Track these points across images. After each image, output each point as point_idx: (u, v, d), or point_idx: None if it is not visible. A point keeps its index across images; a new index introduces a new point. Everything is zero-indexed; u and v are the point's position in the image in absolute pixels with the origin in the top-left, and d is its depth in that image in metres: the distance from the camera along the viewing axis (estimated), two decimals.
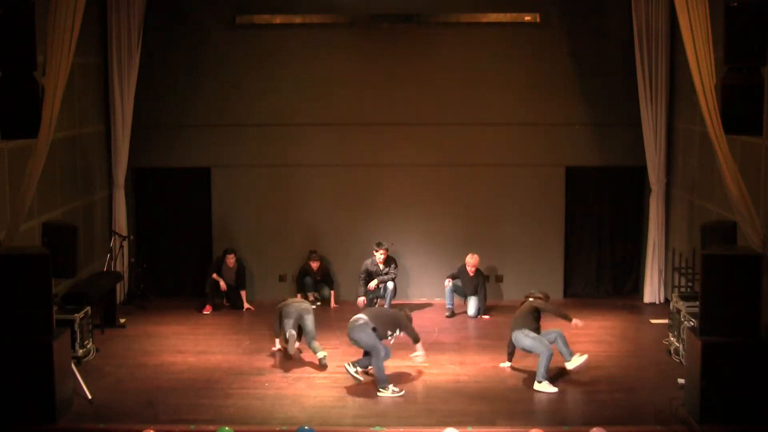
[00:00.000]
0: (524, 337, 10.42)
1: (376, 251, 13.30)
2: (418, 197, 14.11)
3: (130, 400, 9.87)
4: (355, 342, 10.41)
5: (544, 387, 10.12)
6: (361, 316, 10.42)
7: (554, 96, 13.88)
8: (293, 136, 14.01)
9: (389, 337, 10.47)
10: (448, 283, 13.32)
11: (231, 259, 13.52)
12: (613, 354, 11.42)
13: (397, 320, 10.60)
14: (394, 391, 10.03)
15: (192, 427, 9.11)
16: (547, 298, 10.90)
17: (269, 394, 10.09)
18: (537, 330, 10.49)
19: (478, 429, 9.07)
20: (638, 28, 13.26)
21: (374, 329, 10.29)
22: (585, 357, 10.45)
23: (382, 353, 10.17)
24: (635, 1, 13.23)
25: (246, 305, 13.50)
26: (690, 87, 10.35)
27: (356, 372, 10.32)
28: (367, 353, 10.38)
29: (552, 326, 10.85)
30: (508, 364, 10.86)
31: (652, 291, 13.76)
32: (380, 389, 10.04)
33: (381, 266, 13.32)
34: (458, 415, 9.38)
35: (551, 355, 10.23)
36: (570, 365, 10.43)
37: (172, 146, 14.08)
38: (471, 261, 13.26)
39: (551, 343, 10.40)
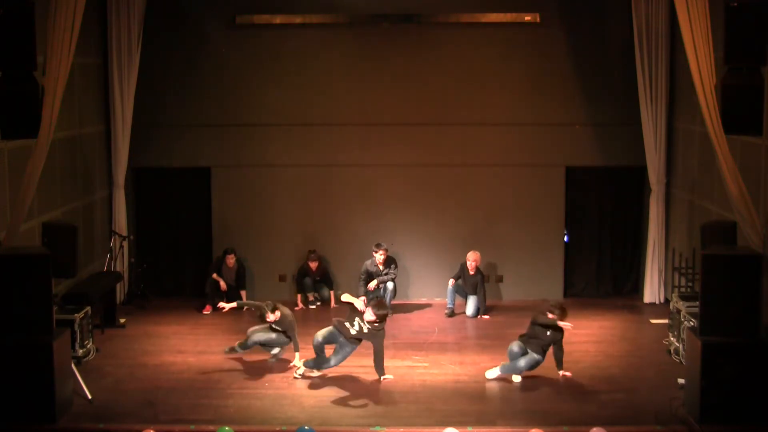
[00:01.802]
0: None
1: (376, 252, 13.29)
2: (418, 197, 14.11)
3: (130, 400, 9.87)
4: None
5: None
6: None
7: (554, 96, 13.88)
8: (293, 136, 14.01)
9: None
10: (452, 283, 13.33)
11: (231, 260, 13.53)
12: (613, 354, 11.42)
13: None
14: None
15: (192, 427, 9.12)
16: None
17: (269, 394, 10.09)
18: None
19: (478, 429, 9.08)
20: (638, 28, 13.26)
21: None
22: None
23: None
24: (635, 1, 13.23)
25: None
26: (690, 87, 10.35)
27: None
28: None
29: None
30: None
31: (652, 291, 13.76)
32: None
33: (381, 267, 13.31)
34: (458, 415, 9.39)
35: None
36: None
37: (172, 146, 14.07)
38: (472, 257, 13.26)
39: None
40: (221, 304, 11.61)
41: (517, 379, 10.42)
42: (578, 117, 13.92)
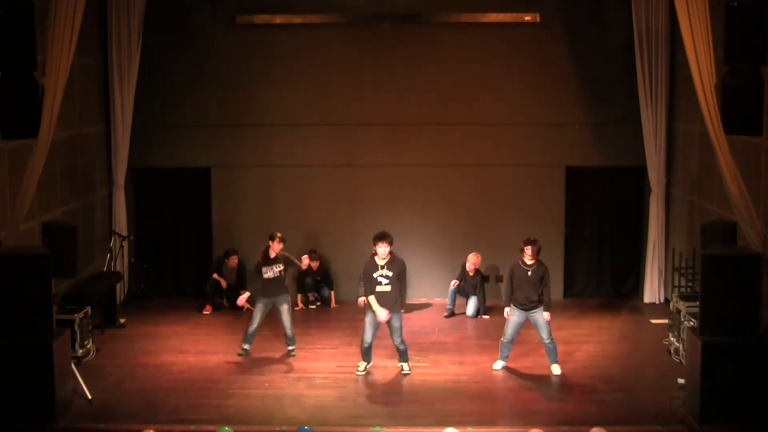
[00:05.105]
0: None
1: None
2: (418, 197, 14.11)
3: (130, 400, 9.87)
4: None
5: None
6: None
7: (554, 96, 13.88)
8: (293, 136, 14.01)
9: None
10: (453, 284, 13.32)
11: (233, 260, 13.54)
12: (613, 354, 11.42)
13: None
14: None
15: (192, 427, 9.12)
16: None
17: (269, 394, 10.09)
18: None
19: (478, 429, 9.07)
20: (638, 28, 13.26)
21: None
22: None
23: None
24: (635, 1, 13.24)
25: (246, 305, 13.47)
26: (690, 87, 10.35)
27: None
28: None
29: None
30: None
31: (652, 291, 13.76)
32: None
33: None
34: (458, 415, 9.39)
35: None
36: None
37: (172, 146, 14.08)
38: (472, 259, 13.27)
39: None
40: (243, 298, 11.53)
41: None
42: (578, 117, 13.93)
